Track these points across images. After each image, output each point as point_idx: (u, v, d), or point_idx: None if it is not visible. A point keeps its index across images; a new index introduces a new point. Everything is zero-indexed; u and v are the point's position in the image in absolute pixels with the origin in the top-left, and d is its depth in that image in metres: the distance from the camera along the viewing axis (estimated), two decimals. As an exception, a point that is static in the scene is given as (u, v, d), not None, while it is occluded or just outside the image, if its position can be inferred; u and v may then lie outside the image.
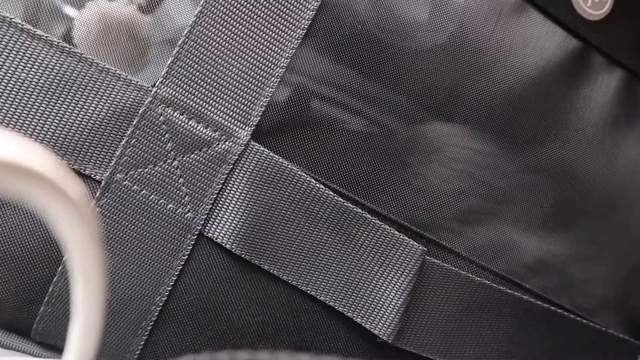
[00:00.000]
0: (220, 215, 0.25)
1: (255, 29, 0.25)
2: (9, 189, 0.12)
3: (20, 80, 0.23)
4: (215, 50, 0.24)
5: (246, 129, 0.25)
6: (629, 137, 0.31)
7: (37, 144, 0.22)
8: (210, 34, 0.24)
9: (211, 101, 0.24)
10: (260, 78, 0.25)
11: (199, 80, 0.24)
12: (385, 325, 0.26)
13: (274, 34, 0.25)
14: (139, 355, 0.26)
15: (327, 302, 0.26)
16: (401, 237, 0.26)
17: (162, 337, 0.26)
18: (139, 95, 0.24)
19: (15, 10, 0.24)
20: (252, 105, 0.25)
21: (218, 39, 0.24)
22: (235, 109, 0.25)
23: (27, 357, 0.25)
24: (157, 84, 0.24)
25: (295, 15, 0.25)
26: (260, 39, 0.25)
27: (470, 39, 0.27)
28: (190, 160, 0.24)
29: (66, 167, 0.20)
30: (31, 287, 0.25)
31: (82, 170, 0.24)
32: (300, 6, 0.25)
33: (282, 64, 0.25)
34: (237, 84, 0.25)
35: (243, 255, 0.25)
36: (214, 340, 0.26)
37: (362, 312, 0.27)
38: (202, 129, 0.24)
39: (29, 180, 0.12)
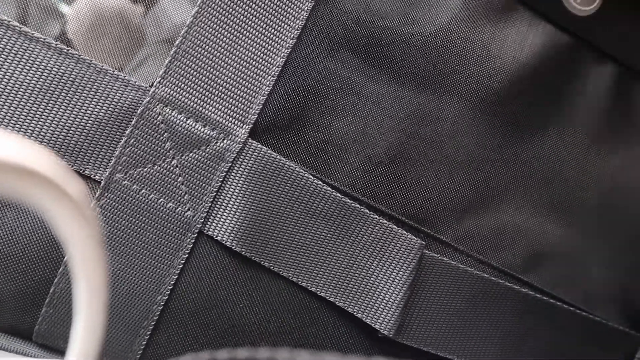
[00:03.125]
0: (219, 213, 0.25)
1: (252, 29, 0.25)
2: (10, 190, 0.12)
3: (18, 82, 0.23)
4: (213, 50, 0.25)
5: (244, 127, 0.25)
6: (622, 129, 0.31)
7: (37, 144, 0.23)
8: (207, 33, 0.24)
9: (209, 100, 0.25)
10: (258, 77, 0.25)
11: (197, 80, 0.25)
12: (385, 320, 0.27)
13: (270, 33, 0.25)
14: (141, 355, 0.26)
15: (327, 298, 0.26)
16: (399, 231, 0.26)
17: (164, 337, 0.26)
18: (137, 95, 0.24)
19: (7, 9, 0.24)
20: (249, 103, 0.25)
21: (215, 38, 0.25)
22: (233, 107, 0.25)
23: (30, 358, 0.25)
24: (155, 83, 0.24)
25: (291, 15, 0.25)
26: (256, 37, 0.25)
27: (460, 33, 0.27)
28: (189, 159, 0.25)
29: (67, 167, 0.20)
30: (32, 289, 0.25)
31: (81, 171, 0.24)
32: (295, 6, 0.25)
33: (278, 63, 0.25)
34: (235, 82, 0.25)
35: (243, 253, 0.25)
36: (215, 339, 0.26)
37: (362, 307, 0.27)
38: (200, 127, 0.25)
39: (30, 181, 0.12)
